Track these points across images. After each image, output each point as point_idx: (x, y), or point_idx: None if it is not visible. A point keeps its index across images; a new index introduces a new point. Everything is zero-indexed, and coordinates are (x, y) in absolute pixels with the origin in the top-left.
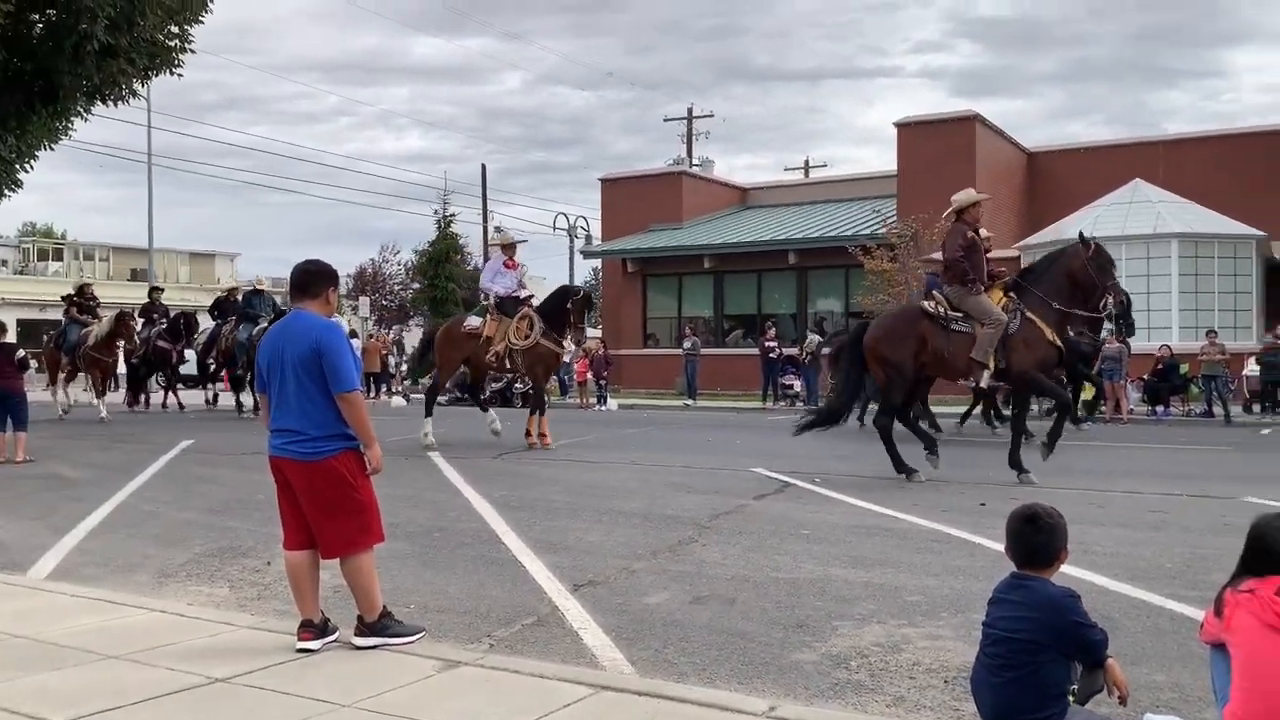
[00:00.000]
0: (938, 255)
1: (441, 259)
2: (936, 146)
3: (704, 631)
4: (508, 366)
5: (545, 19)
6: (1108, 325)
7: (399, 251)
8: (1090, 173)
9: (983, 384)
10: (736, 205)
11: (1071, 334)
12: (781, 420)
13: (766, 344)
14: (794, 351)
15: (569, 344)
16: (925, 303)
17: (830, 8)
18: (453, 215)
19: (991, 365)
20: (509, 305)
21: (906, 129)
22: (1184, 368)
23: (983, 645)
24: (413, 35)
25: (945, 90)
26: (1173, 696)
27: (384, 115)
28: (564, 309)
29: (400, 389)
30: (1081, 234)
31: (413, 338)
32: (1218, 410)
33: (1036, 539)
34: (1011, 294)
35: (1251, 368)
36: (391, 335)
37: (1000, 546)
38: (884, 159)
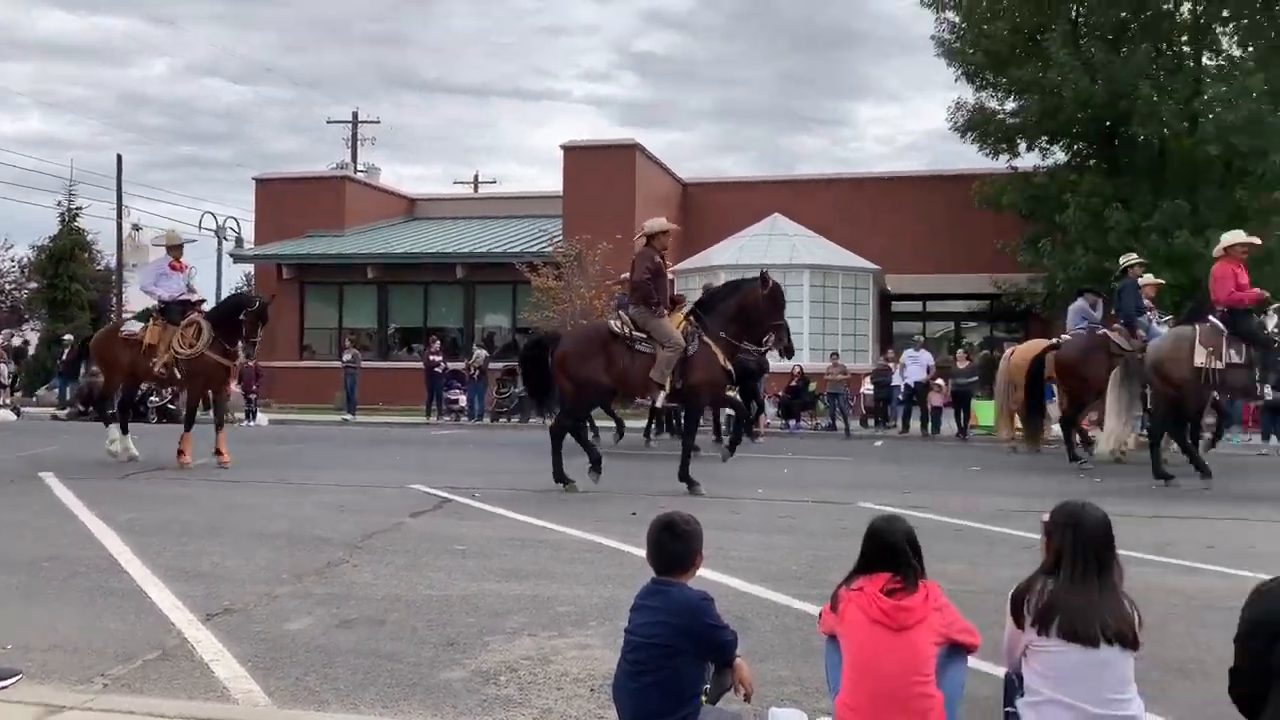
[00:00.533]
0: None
1: (64, 256)
2: (599, 171)
3: (350, 655)
4: (177, 377)
5: (196, 5)
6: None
7: (12, 246)
8: (736, 206)
9: (658, 403)
10: (403, 215)
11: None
12: (446, 435)
13: (431, 357)
14: (460, 366)
15: (241, 358)
16: (612, 322)
17: (497, 27)
18: (79, 208)
19: (668, 386)
20: (174, 311)
21: (572, 152)
22: (813, 386)
23: (624, 651)
24: (39, 7)
25: (610, 118)
26: (796, 690)
27: None
28: (237, 319)
29: (10, 401)
30: (764, 272)
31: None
32: (839, 424)
33: (674, 546)
34: (691, 318)
35: (867, 386)
36: (1, 339)
37: None
38: (551, 179)
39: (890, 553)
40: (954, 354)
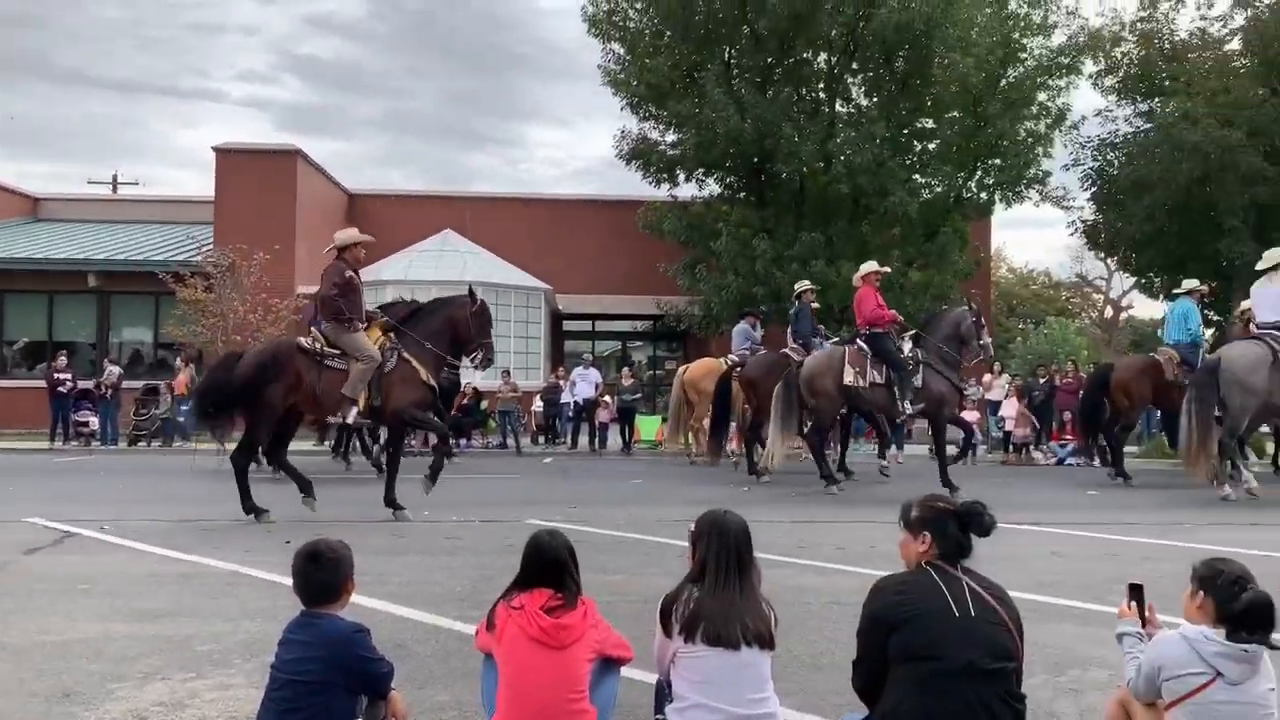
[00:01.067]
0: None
1: None
2: (257, 177)
3: None
4: None
5: None
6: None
7: None
8: (406, 220)
9: (349, 419)
10: (24, 216)
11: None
12: (72, 462)
13: (57, 375)
14: (90, 384)
15: None
16: (301, 339)
17: (148, 19)
18: None
19: (361, 402)
20: None
21: (226, 156)
22: (484, 404)
23: (269, 689)
24: None
25: (272, 123)
26: (455, 714)
27: None
28: None
29: None
30: (471, 288)
31: None
32: (510, 442)
33: (320, 575)
34: (390, 334)
35: (538, 404)
36: None
37: None
38: (204, 183)
39: (551, 568)
40: (620, 372)
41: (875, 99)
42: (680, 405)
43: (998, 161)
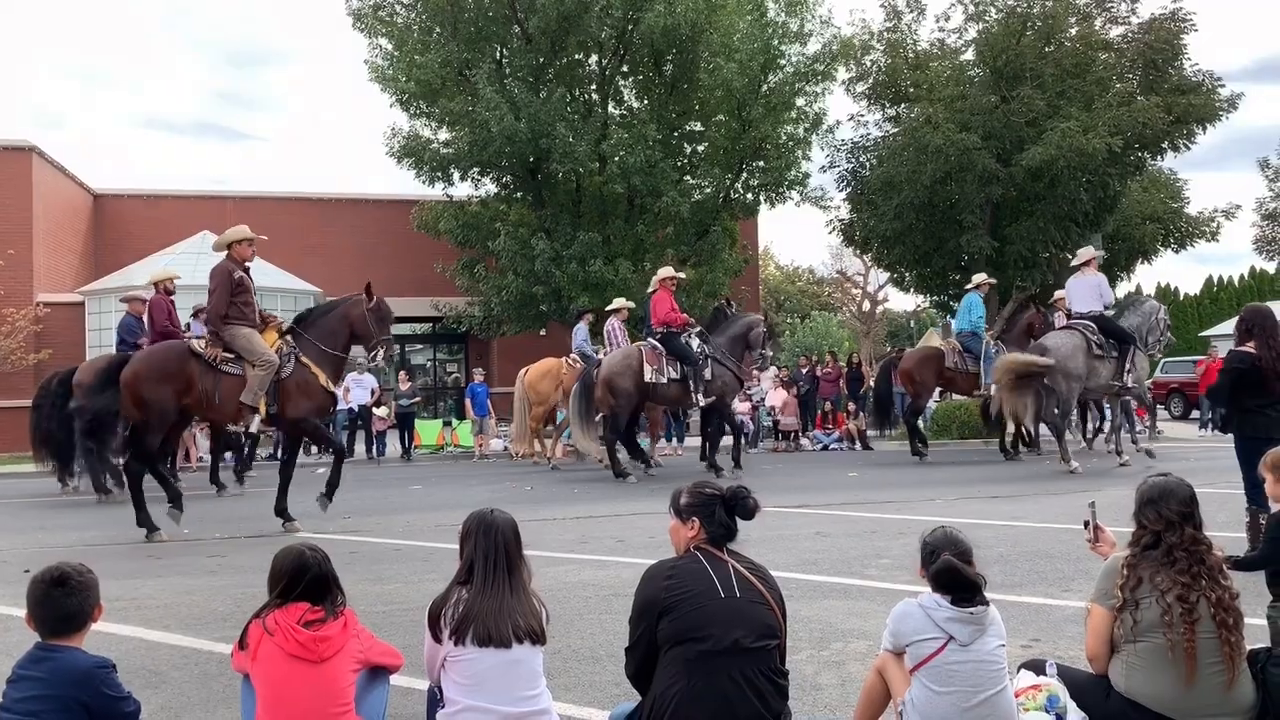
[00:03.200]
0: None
1: None
2: None
3: None
4: None
5: None
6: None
7: None
8: (160, 221)
9: (253, 429)
10: None
11: None
12: None
13: None
14: None
15: None
16: (193, 341)
17: None
18: None
19: (263, 409)
20: None
21: None
22: None
23: None
24: None
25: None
26: None
27: None
28: None
29: None
30: (369, 286)
31: None
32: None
33: (67, 602)
34: (287, 338)
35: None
36: None
37: None
38: None
39: (309, 582)
40: (398, 376)
41: (646, 101)
42: (522, 406)
43: (761, 163)
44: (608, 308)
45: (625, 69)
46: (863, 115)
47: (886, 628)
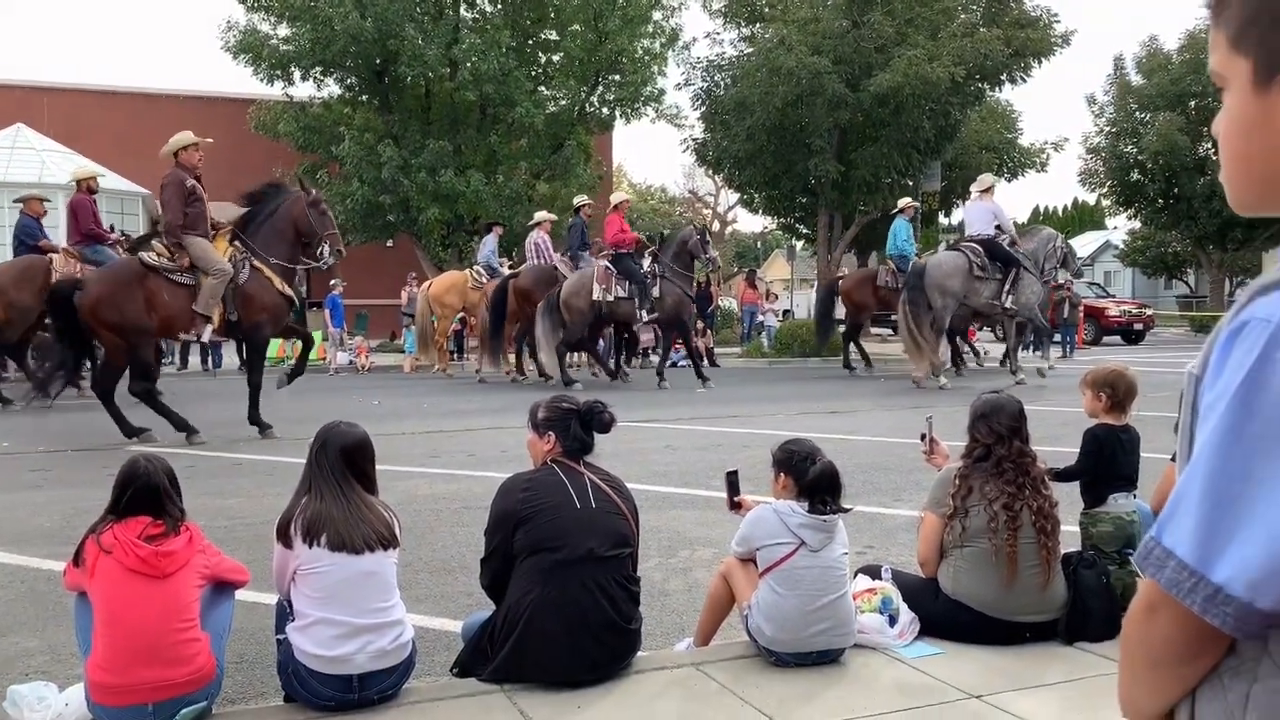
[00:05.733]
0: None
1: None
2: None
3: None
4: None
5: None
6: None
7: None
8: None
9: (204, 338)
10: None
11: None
12: None
13: None
14: None
15: None
16: (144, 254)
17: None
18: None
19: (216, 318)
20: None
21: None
22: None
23: None
24: None
25: None
26: (46, 659)
27: None
28: None
29: None
30: (301, 180)
31: None
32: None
33: None
34: (237, 244)
35: None
36: None
37: None
38: None
39: (149, 494)
40: None
41: (500, 6)
42: (425, 320)
43: (617, 78)
44: (530, 221)
45: None
46: (718, 33)
47: (739, 532)
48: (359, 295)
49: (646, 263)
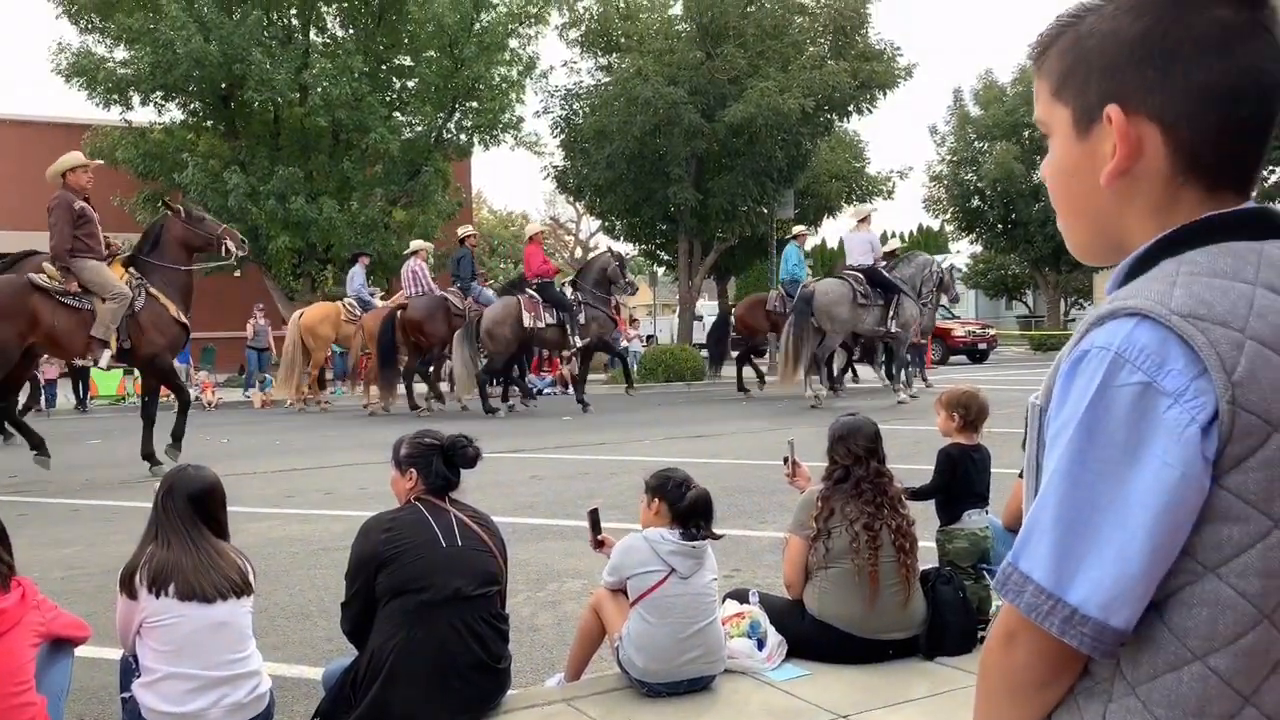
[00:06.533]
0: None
1: None
2: None
3: None
4: None
5: None
6: None
7: None
8: None
9: (102, 364)
10: None
11: None
12: None
13: None
14: None
15: None
16: (34, 275)
17: None
18: None
19: (114, 344)
20: None
21: None
22: None
23: None
24: None
25: None
26: None
27: None
28: None
29: None
30: (166, 202)
31: None
32: None
33: None
34: (132, 269)
35: None
36: None
37: None
38: None
39: None
40: None
41: (352, 31)
42: (295, 351)
43: (474, 104)
44: (407, 250)
45: None
46: (576, 62)
47: (609, 561)
48: (204, 328)
49: (569, 291)
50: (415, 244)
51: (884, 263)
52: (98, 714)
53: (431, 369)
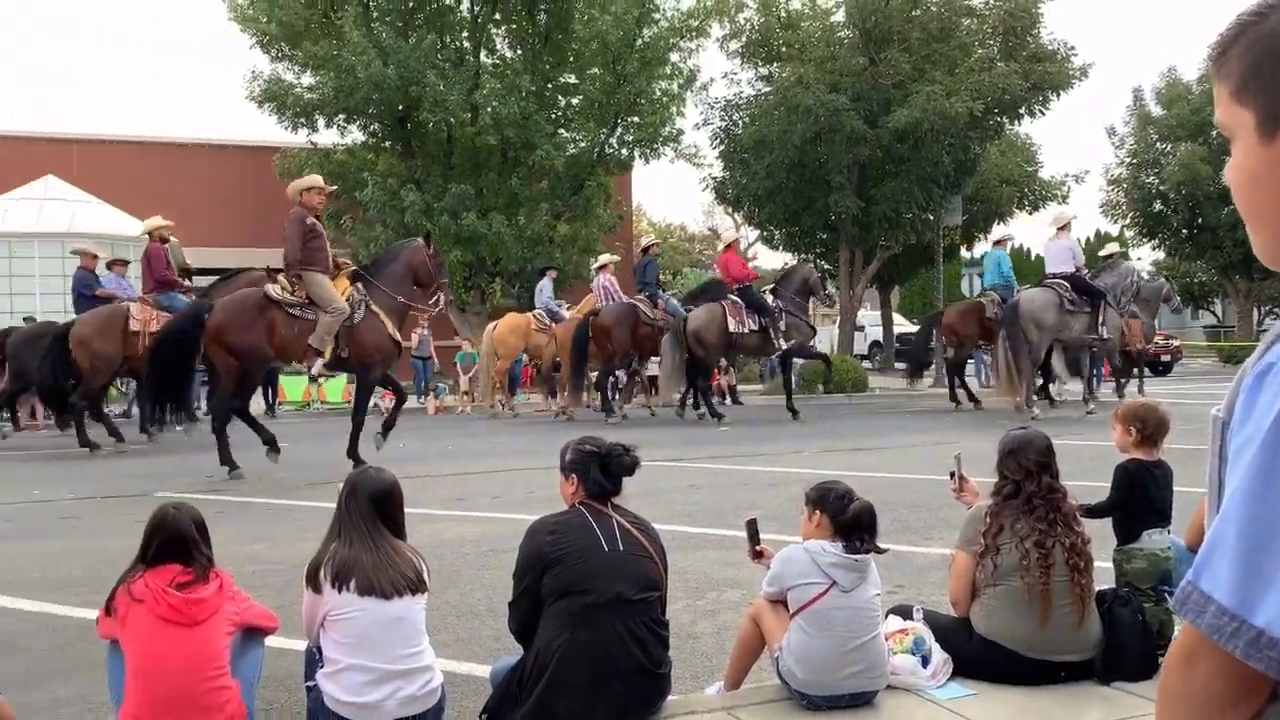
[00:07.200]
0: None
1: None
2: None
3: None
4: None
5: None
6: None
7: None
8: None
9: (315, 371)
10: None
11: None
12: None
13: None
14: None
15: None
16: (269, 287)
17: None
18: None
19: (328, 353)
20: None
21: None
22: None
23: None
24: None
25: None
26: (78, 709)
27: None
28: None
29: None
30: (426, 232)
31: None
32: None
33: None
34: (357, 285)
35: None
36: None
37: None
38: None
39: (177, 543)
40: None
41: (519, 52)
42: (488, 361)
43: (636, 119)
44: (595, 265)
45: (498, 16)
46: (736, 73)
47: (769, 571)
48: None
49: (770, 298)
50: (604, 258)
51: (1086, 270)
52: (284, 701)
53: (622, 376)
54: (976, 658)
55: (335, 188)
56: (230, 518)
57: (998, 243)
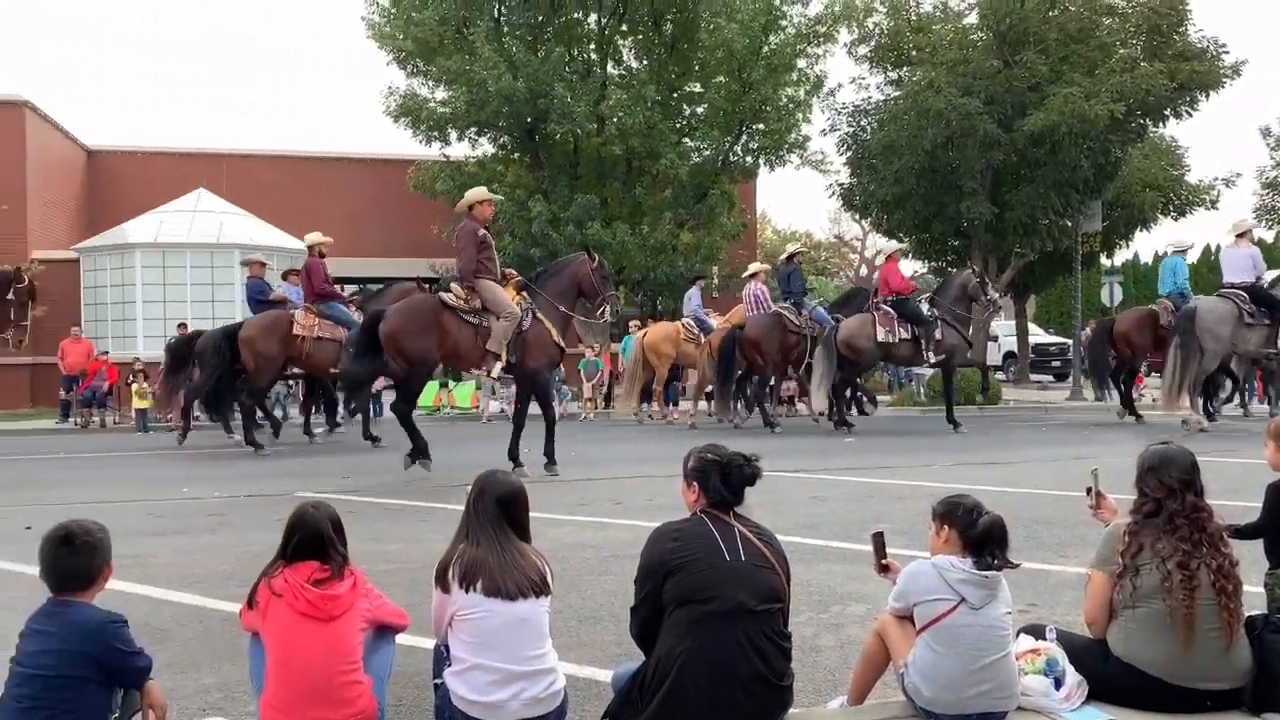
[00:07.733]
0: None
1: None
2: None
3: None
4: None
5: None
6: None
7: None
8: (155, 178)
9: (493, 374)
10: None
11: None
12: None
13: None
14: None
15: None
16: (444, 294)
17: None
18: None
19: (505, 357)
20: None
21: None
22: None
23: (9, 685)
24: None
25: None
26: (221, 697)
27: None
28: None
29: None
30: (587, 247)
31: None
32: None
33: (73, 561)
34: (524, 293)
35: None
36: None
37: None
38: None
39: (315, 541)
40: None
41: (645, 62)
42: (637, 368)
43: (761, 126)
44: (745, 273)
45: (624, 28)
46: (864, 78)
47: (895, 587)
48: None
49: (925, 307)
50: (754, 266)
51: (1266, 280)
52: (414, 698)
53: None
54: (1113, 682)
55: (501, 198)
56: (361, 517)
57: (1179, 251)
